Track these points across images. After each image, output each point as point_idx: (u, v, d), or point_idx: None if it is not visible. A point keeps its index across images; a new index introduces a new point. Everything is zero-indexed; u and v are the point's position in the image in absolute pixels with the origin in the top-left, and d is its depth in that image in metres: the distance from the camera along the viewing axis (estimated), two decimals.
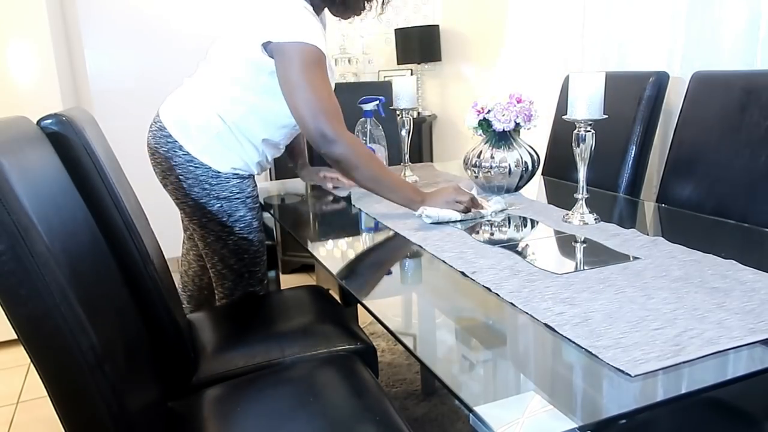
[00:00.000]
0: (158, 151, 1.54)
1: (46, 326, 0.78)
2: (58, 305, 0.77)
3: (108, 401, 0.82)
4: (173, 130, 1.52)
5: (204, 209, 1.55)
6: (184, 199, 1.55)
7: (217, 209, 1.55)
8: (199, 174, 1.52)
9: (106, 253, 1.05)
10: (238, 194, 1.56)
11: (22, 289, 0.75)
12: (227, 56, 1.50)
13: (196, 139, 1.51)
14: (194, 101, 1.54)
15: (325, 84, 1.43)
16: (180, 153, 1.51)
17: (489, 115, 1.63)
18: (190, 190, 1.53)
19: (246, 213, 1.58)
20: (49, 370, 0.82)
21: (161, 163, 1.55)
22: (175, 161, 1.52)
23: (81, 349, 0.79)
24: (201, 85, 1.55)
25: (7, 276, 0.74)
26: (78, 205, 1.01)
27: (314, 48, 1.38)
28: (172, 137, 1.51)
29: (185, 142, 1.51)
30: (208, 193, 1.53)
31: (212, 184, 1.53)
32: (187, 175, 1.52)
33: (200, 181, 1.52)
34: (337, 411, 1.07)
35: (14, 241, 0.73)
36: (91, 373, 0.80)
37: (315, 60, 1.39)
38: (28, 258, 0.74)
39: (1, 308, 0.77)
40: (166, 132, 1.52)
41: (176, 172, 1.52)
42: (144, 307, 1.15)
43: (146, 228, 1.26)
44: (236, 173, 1.55)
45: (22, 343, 0.79)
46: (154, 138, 1.55)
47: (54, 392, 0.83)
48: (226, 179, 1.54)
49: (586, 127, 1.31)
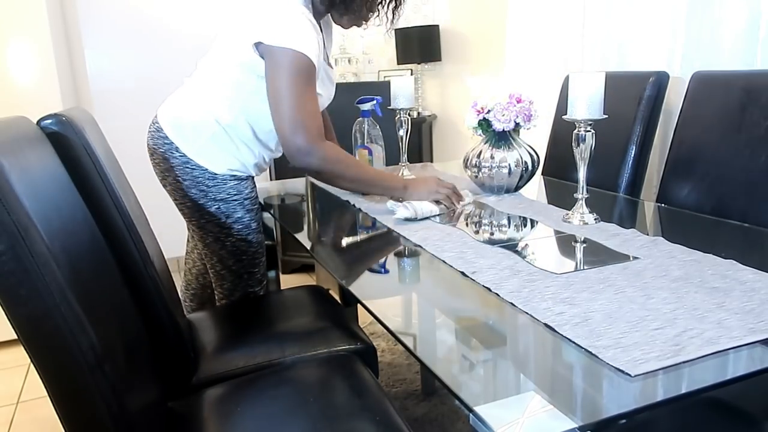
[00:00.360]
0: (156, 151, 1.54)
1: (46, 326, 0.78)
2: (57, 305, 0.77)
3: (108, 401, 0.82)
4: (170, 131, 1.51)
5: (202, 210, 1.55)
6: (182, 200, 1.55)
7: (215, 210, 1.55)
8: (197, 175, 1.52)
9: (106, 253, 1.05)
10: (236, 196, 1.56)
11: (21, 289, 0.75)
12: (222, 57, 1.50)
13: (192, 140, 1.51)
14: (190, 102, 1.54)
15: (310, 96, 1.42)
16: (177, 154, 1.51)
17: (489, 115, 1.62)
18: (188, 191, 1.53)
19: (244, 214, 1.58)
20: (49, 370, 0.82)
21: (159, 164, 1.55)
22: (172, 162, 1.52)
23: (81, 349, 0.79)
24: (197, 86, 1.55)
25: (7, 276, 0.74)
26: (78, 205, 1.01)
27: (304, 57, 1.37)
28: (168, 139, 1.51)
29: (181, 144, 1.51)
30: (205, 194, 1.53)
31: (209, 186, 1.53)
32: (185, 176, 1.52)
33: (198, 183, 1.52)
34: (337, 411, 1.07)
35: (14, 241, 0.73)
36: (90, 373, 0.80)
37: (303, 70, 1.38)
38: (28, 258, 0.74)
39: (1, 308, 0.77)
40: (163, 133, 1.52)
41: (174, 173, 1.52)
42: (144, 308, 1.15)
43: (146, 228, 1.26)
44: (233, 175, 1.55)
45: (22, 343, 0.79)
46: (153, 139, 1.55)
47: (54, 392, 0.83)
48: (223, 181, 1.54)
49: (586, 127, 1.30)
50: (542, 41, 2.57)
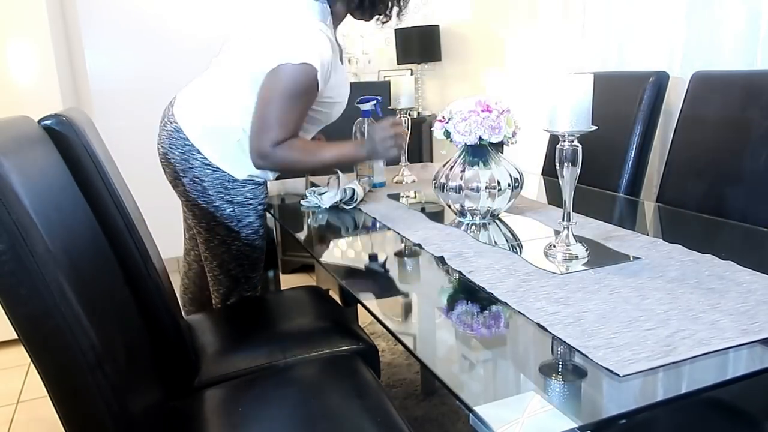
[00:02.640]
0: (172, 152, 1.53)
1: (46, 326, 0.78)
2: (58, 305, 0.77)
3: (108, 401, 0.82)
4: (191, 134, 1.51)
5: (215, 212, 1.55)
6: (195, 201, 1.55)
7: (228, 213, 1.55)
8: (216, 177, 1.52)
9: (107, 253, 1.06)
10: (252, 200, 1.57)
11: (22, 289, 0.75)
12: (243, 67, 1.50)
13: (216, 145, 1.51)
14: (214, 108, 1.53)
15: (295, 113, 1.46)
16: (197, 156, 1.51)
17: (449, 125, 1.34)
18: (206, 192, 1.53)
19: (255, 219, 1.59)
20: (49, 369, 0.82)
21: (176, 164, 1.54)
22: (192, 163, 1.52)
23: (81, 348, 0.79)
24: (219, 90, 1.54)
25: (8, 276, 0.74)
26: (80, 204, 1.01)
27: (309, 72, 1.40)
28: (189, 141, 1.51)
29: (204, 148, 1.51)
30: (222, 196, 1.53)
31: (228, 188, 1.53)
32: (205, 177, 1.52)
33: (216, 185, 1.53)
34: (339, 411, 1.07)
35: (14, 240, 0.74)
36: (91, 373, 0.80)
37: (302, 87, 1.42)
38: (29, 258, 0.74)
39: (1, 308, 0.77)
40: (184, 135, 1.52)
41: (191, 174, 1.52)
42: (145, 308, 1.15)
43: (144, 229, 1.26)
44: (252, 179, 1.56)
45: (22, 342, 0.79)
46: (170, 139, 1.54)
47: (54, 392, 0.83)
48: (242, 185, 1.55)
49: (571, 141, 1.05)
50: (542, 41, 2.57)
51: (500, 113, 1.30)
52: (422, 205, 1.60)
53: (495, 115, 1.29)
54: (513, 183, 1.33)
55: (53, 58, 2.59)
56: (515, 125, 1.33)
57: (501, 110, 1.31)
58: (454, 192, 1.34)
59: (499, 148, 1.39)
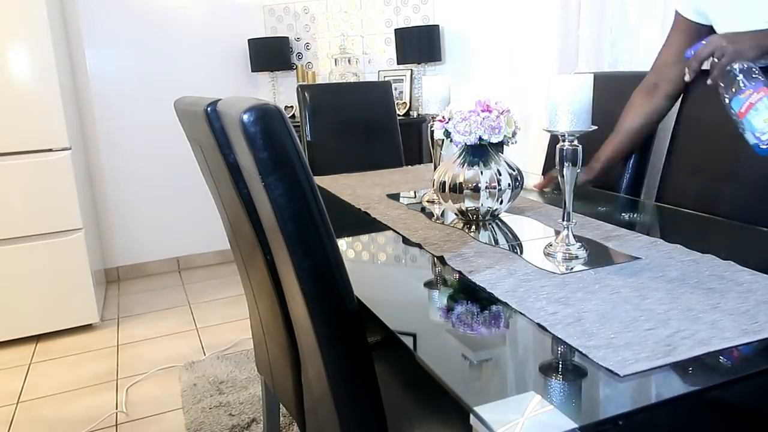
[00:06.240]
0: None
1: (324, 278, 0.90)
2: (333, 263, 0.89)
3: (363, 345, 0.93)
4: None
5: None
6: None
7: None
8: None
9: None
10: None
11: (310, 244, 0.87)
12: None
13: None
14: None
15: None
16: None
17: (449, 125, 1.35)
18: None
19: None
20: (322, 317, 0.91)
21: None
22: None
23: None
24: None
25: (301, 231, 0.86)
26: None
27: None
28: None
29: None
30: None
31: None
32: None
33: None
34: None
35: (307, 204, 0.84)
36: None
37: None
38: (318, 217, 0.86)
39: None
40: None
41: None
42: None
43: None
44: None
45: (302, 292, 0.89)
46: None
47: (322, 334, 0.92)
48: None
49: (571, 140, 1.08)
50: (542, 41, 2.57)
51: (500, 113, 1.31)
52: (422, 205, 1.60)
53: (495, 115, 1.30)
54: (513, 183, 1.34)
55: (53, 58, 2.60)
56: (515, 125, 1.34)
57: (501, 110, 1.32)
58: (454, 192, 1.35)
59: (499, 148, 1.39)
